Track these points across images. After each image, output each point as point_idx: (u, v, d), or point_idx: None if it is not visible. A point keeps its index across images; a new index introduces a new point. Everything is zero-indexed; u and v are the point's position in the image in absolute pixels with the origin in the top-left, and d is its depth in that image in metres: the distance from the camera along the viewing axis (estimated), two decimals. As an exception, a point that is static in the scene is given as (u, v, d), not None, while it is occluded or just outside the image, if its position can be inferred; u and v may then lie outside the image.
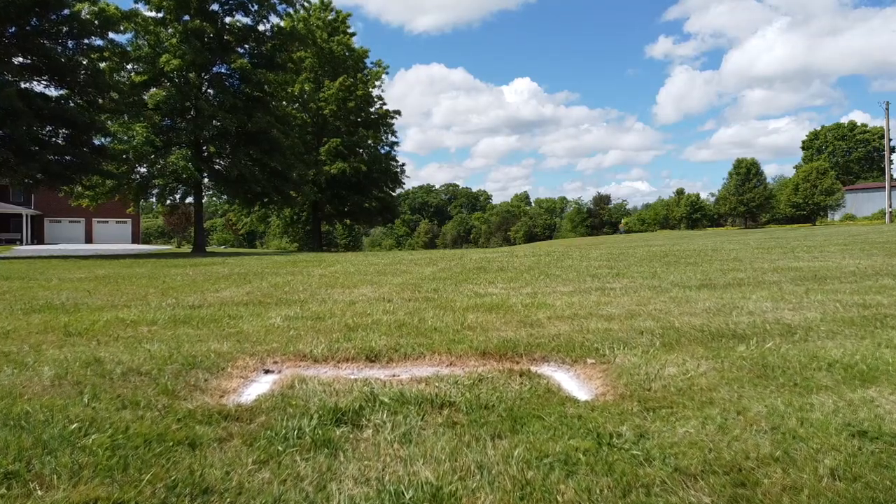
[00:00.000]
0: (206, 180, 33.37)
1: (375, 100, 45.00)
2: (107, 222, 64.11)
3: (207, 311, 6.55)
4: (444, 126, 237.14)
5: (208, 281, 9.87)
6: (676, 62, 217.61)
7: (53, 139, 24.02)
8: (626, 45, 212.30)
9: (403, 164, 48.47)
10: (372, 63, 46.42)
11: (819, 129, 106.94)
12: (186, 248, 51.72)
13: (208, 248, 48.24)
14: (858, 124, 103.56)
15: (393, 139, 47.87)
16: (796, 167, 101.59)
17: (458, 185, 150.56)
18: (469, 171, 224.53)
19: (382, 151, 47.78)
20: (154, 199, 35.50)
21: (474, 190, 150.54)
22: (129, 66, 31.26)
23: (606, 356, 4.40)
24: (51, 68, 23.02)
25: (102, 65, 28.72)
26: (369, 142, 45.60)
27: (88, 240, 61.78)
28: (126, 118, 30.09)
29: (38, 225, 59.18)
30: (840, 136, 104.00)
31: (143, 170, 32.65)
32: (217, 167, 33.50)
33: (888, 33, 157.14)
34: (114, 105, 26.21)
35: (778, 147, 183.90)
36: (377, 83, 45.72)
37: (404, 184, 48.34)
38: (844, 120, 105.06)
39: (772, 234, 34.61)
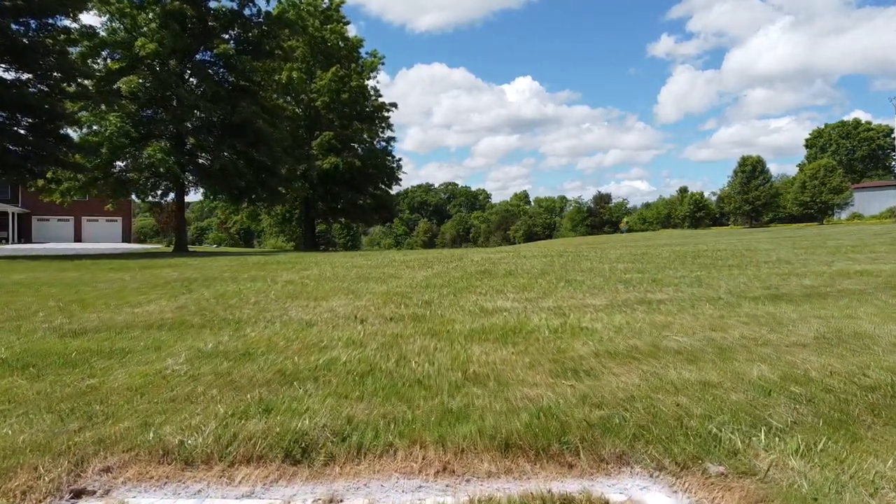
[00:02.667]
0: (189, 176, 31.25)
1: (370, 91, 42.77)
2: (97, 221, 62.05)
3: (87, 341, 4.46)
4: (444, 125, 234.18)
5: (140, 290, 7.78)
6: (678, 61, 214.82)
7: (14, 128, 21.84)
8: (628, 43, 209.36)
9: (400, 160, 46.23)
10: (367, 53, 44.32)
11: (823, 127, 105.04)
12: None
13: (197, 248, 46.07)
14: (863, 122, 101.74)
15: (390, 134, 45.68)
16: (799, 165, 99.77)
17: (457, 184, 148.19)
18: (469, 171, 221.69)
19: (379, 147, 45.61)
20: (134, 197, 33.26)
21: (473, 189, 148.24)
22: (104, 53, 29.09)
23: (740, 453, 2.31)
24: (9, 49, 20.85)
25: (75, 50, 26.66)
26: (364, 136, 43.39)
27: (78, 238, 59.73)
28: (103, 108, 27.93)
29: (25, 223, 57.08)
30: (844, 134, 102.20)
31: (122, 164, 30.46)
32: (200, 161, 31.34)
33: (891, 32, 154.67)
34: (81, 91, 24.00)
35: (779, 146, 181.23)
36: (372, 74, 43.60)
37: (401, 180, 46.07)
38: (846, 119, 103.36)
39: (786, 234, 32.52)
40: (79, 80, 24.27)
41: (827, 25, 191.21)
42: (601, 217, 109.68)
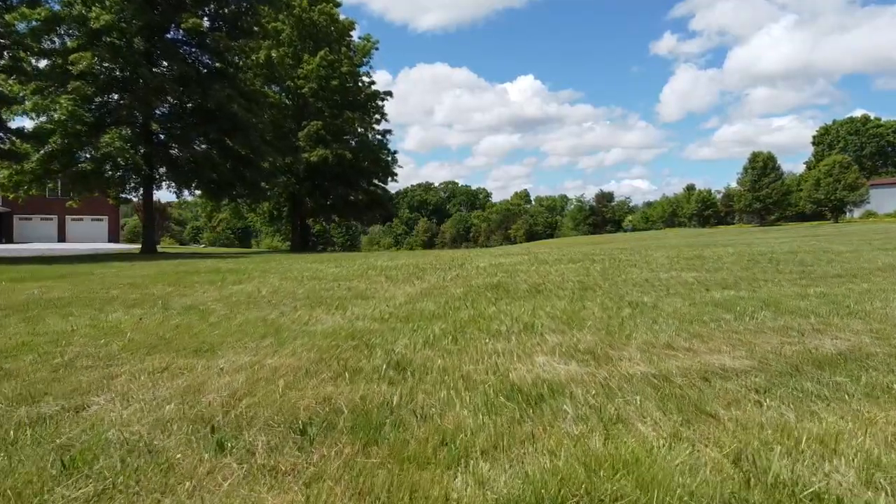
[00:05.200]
0: (160, 168, 27.96)
1: (362, 76, 39.34)
2: (81, 219, 58.78)
3: None
4: (446, 124, 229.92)
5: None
6: (681, 59, 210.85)
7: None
8: (631, 42, 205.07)
9: (396, 153, 42.72)
10: (360, 38, 40.90)
11: (831, 123, 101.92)
12: (159, 248, 46.30)
13: (172, 248, 42.85)
14: (872, 118, 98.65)
15: (385, 126, 42.20)
16: (807, 163, 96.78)
17: (457, 183, 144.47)
18: (470, 170, 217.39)
19: (374, 141, 42.14)
20: (99, 191, 29.87)
21: (474, 188, 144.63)
22: (61, 30, 25.81)
23: None
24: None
25: (26, 26, 23.50)
26: (358, 128, 39.93)
27: (62, 238, 56.52)
28: (59, 92, 24.63)
29: (6, 222, 54.00)
30: (853, 130, 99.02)
31: (86, 155, 27.14)
32: (172, 151, 28.04)
33: (894, 31, 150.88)
34: (12, 65, 20.66)
35: (781, 145, 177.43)
36: (365, 60, 40.19)
37: (396, 175, 42.50)
38: (854, 115, 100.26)
39: (803, 232, 29.25)
40: (10, 50, 20.97)
41: (830, 24, 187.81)
42: (603, 216, 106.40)
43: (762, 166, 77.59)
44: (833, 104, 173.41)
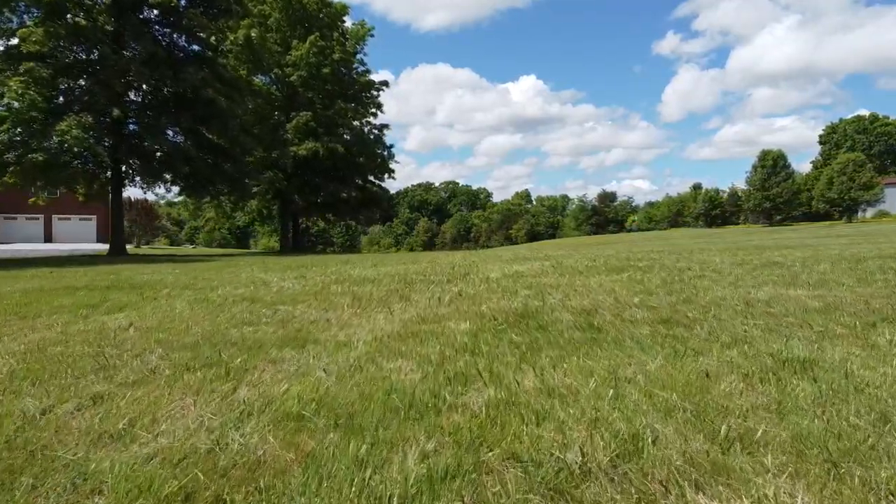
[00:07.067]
0: (132, 162, 25.33)
1: (356, 63, 36.58)
2: (69, 219, 56.16)
3: None
4: (447, 124, 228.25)
5: None
6: (683, 59, 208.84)
7: None
8: (634, 42, 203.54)
9: (392, 147, 40.04)
10: (353, 24, 38.21)
11: (837, 122, 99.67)
12: (146, 250, 43.74)
13: (151, 250, 40.24)
14: (880, 116, 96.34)
15: (382, 120, 39.49)
16: (814, 162, 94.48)
17: (457, 183, 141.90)
18: (471, 170, 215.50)
19: (370, 135, 39.48)
20: (65, 187, 27.27)
21: (475, 188, 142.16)
22: (19, 6, 23.22)
23: None
24: None
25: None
26: (352, 120, 37.25)
27: (48, 238, 53.90)
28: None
29: (-10, 222, 51.42)
30: (860, 129, 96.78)
31: (44, 144, 24.48)
32: (146, 144, 25.40)
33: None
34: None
35: (782, 145, 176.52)
36: (359, 47, 37.44)
37: (393, 171, 39.80)
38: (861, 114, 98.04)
39: (827, 232, 26.71)
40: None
41: (833, 24, 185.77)
42: (606, 216, 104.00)
43: (772, 165, 75.19)
44: (835, 104, 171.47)
